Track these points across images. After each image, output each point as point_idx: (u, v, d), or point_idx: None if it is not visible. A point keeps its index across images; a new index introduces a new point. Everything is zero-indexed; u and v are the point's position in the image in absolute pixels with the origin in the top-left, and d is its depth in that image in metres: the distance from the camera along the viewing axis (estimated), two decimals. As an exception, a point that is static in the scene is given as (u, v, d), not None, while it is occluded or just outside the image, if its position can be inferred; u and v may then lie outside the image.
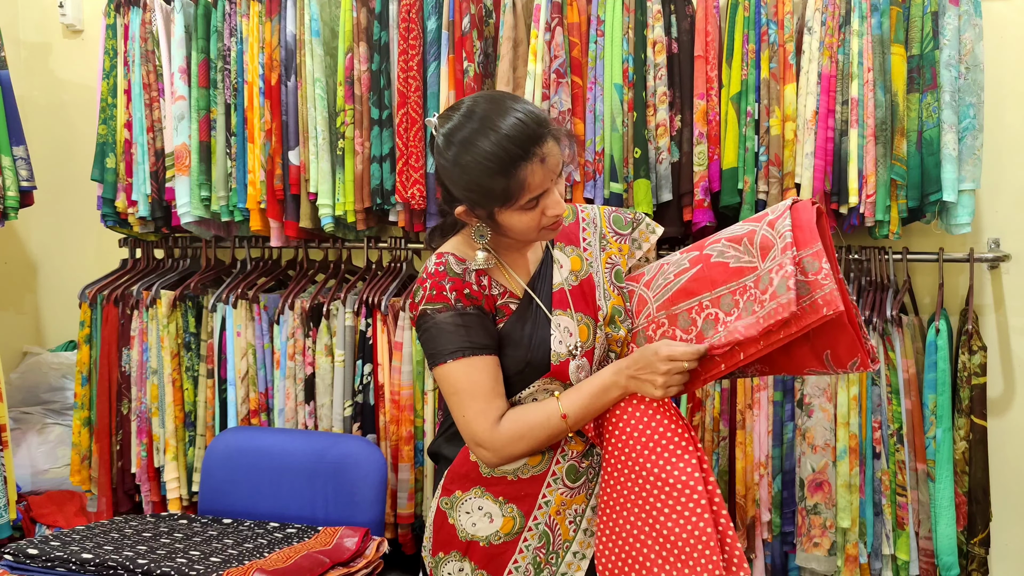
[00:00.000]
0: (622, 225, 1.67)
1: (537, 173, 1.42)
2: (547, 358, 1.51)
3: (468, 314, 1.49)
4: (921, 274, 2.44)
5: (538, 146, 1.42)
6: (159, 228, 2.79)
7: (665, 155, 2.29)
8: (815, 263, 1.34)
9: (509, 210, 1.45)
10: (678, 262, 1.52)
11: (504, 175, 1.41)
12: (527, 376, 1.52)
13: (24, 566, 1.93)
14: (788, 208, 1.42)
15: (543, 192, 1.45)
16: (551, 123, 1.48)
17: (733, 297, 1.41)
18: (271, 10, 2.51)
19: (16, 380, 3.03)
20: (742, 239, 1.44)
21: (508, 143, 1.40)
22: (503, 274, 1.56)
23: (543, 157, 1.42)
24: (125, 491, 2.74)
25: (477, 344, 1.48)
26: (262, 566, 1.85)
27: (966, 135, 2.16)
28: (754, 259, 1.41)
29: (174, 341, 2.65)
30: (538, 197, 1.45)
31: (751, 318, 1.37)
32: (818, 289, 1.33)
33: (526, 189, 1.42)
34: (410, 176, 2.40)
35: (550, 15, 2.30)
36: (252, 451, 2.39)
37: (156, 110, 2.68)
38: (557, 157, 1.45)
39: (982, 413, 2.21)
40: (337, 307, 2.53)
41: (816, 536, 2.21)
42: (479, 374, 1.48)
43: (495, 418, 1.48)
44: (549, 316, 1.54)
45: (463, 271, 1.51)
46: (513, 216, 1.46)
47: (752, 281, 1.40)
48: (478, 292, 1.51)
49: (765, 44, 2.23)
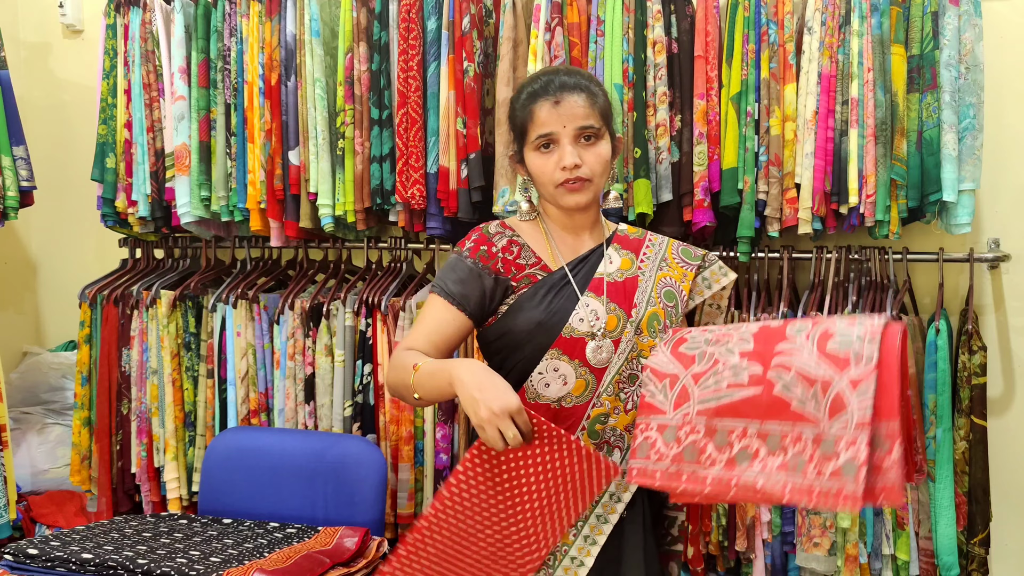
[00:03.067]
0: (691, 257, 1.72)
1: (546, 109, 1.54)
2: (560, 326, 1.54)
3: (465, 264, 1.60)
4: (921, 274, 2.44)
5: (558, 90, 1.55)
6: (159, 228, 2.79)
7: (665, 155, 2.29)
8: (887, 444, 1.20)
9: (528, 149, 1.58)
10: (736, 366, 1.37)
11: (523, 108, 1.57)
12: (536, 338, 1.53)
13: (24, 566, 1.93)
14: (878, 334, 1.25)
15: (554, 139, 1.54)
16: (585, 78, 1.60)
17: (783, 441, 1.28)
18: (271, 10, 2.51)
19: (16, 380, 3.03)
20: (815, 383, 1.27)
21: (534, 82, 1.59)
22: (546, 247, 1.63)
23: (558, 100, 1.54)
24: (125, 491, 2.74)
25: (449, 291, 1.59)
26: (262, 566, 1.85)
27: (966, 135, 2.16)
28: (819, 413, 1.26)
29: (174, 341, 2.65)
30: (550, 142, 1.54)
31: (799, 478, 1.24)
32: (880, 475, 1.20)
33: (535, 122, 1.55)
34: (410, 176, 2.40)
35: (550, 15, 2.30)
36: (252, 451, 2.39)
37: (156, 110, 2.68)
38: (577, 110, 1.54)
39: (982, 413, 2.21)
40: (337, 307, 2.53)
41: (816, 536, 2.21)
42: (431, 311, 1.59)
43: (407, 345, 1.57)
44: (579, 295, 1.58)
45: (495, 234, 1.63)
46: (532, 158, 1.58)
47: (811, 436, 1.26)
48: (494, 254, 1.60)
49: (765, 44, 2.23)
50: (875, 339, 1.25)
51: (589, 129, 1.55)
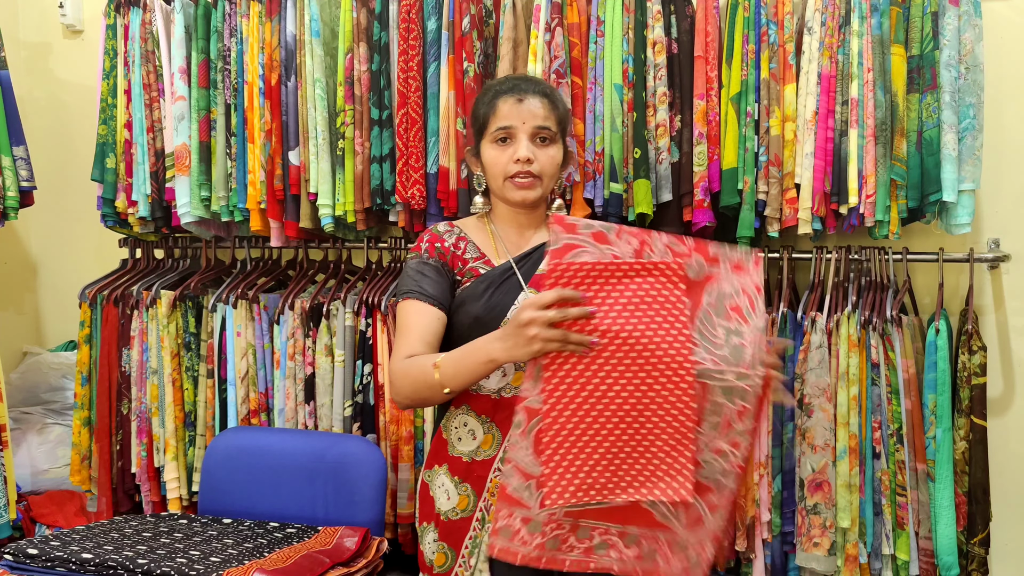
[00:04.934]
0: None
1: (509, 104, 1.64)
2: (498, 321, 1.59)
3: (428, 264, 1.68)
4: (921, 274, 2.44)
5: (521, 91, 1.66)
6: (159, 228, 2.79)
7: (665, 155, 2.29)
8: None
9: (485, 142, 1.67)
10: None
11: (488, 103, 1.67)
12: (474, 335, 1.56)
13: (24, 566, 1.93)
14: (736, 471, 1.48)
15: (512, 133, 1.64)
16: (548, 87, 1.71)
17: (640, 539, 1.47)
18: (271, 10, 2.51)
19: (16, 380, 3.03)
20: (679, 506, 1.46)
21: (499, 83, 1.71)
22: (491, 243, 1.71)
23: (521, 98, 1.65)
24: (125, 491, 2.74)
25: (425, 292, 1.64)
26: (262, 566, 1.86)
27: (966, 135, 2.16)
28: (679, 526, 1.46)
29: (174, 341, 2.65)
30: (507, 136, 1.64)
31: (650, 564, 1.46)
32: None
33: (496, 115, 1.65)
34: (410, 176, 2.40)
35: (550, 15, 2.30)
36: (252, 451, 2.39)
37: (156, 110, 2.68)
38: (538, 111, 1.65)
39: (982, 413, 2.21)
40: (337, 307, 2.53)
41: (816, 536, 2.21)
42: (415, 316, 1.63)
43: (405, 355, 1.60)
44: (523, 287, 1.64)
45: (445, 232, 1.72)
46: (488, 150, 1.67)
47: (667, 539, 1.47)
48: (447, 249, 1.69)
49: (765, 44, 2.23)
50: (735, 478, 1.45)
51: (546, 131, 1.65)
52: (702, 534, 1.45)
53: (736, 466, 1.44)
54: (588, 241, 1.41)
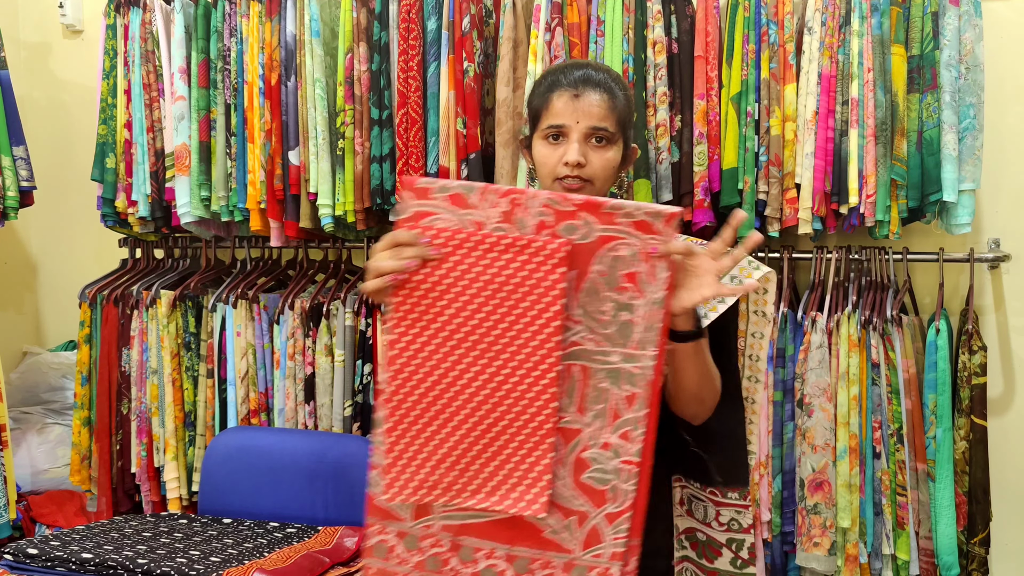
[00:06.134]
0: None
1: (564, 100, 1.48)
2: None
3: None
4: (921, 274, 2.44)
5: (580, 85, 1.49)
6: (159, 228, 2.79)
7: (665, 155, 2.29)
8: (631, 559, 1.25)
9: (537, 137, 1.52)
10: None
11: (542, 94, 1.51)
12: None
13: (24, 566, 1.93)
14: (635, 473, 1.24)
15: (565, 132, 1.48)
16: (612, 79, 1.52)
17: (531, 565, 1.28)
18: (271, 10, 2.51)
19: (16, 380, 3.03)
20: (572, 515, 1.25)
21: (560, 70, 1.52)
22: None
23: (578, 94, 1.48)
24: (125, 491, 2.74)
25: None
26: (262, 566, 1.86)
27: (966, 135, 2.16)
28: (574, 544, 1.26)
29: (174, 341, 2.65)
30: (559, 134, 1.48)
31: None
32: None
33: (549, 111, 1.49)
34: (410, 176, 2.41)
35: (550, 15, 2.30)
36: (252, 451, 2.39)
37: (156, 110, 2.68)
38: (594, 109, 1.48)
39: (982, 413, 2.21)
40: (337, 307, 2.53)
41: (816, 536, 2.21)
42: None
43: None
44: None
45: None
46: (539, 147, 1.51)
47: (562, 563, 1.26)
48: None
49: (765, 44, 2.23)
50: (632, 477, 1.25)
51: (602, 131, 1.49)
52: (604, 553, 1.25)
53: (629, 464, 1.24)
54: (443, 207, 1.22)
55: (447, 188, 1.22)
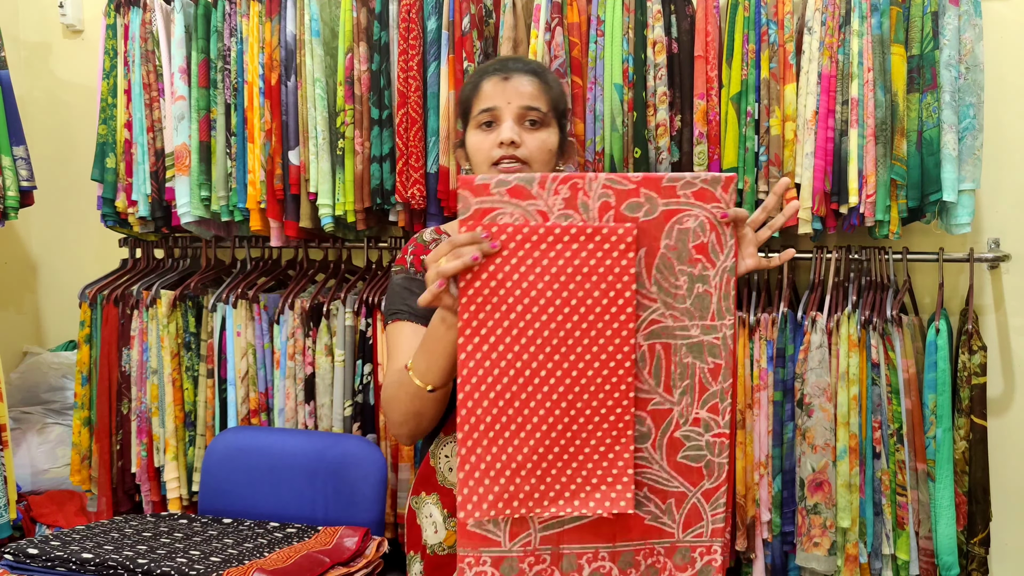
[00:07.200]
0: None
1: (493, 83, 1.49)
2: None
3: (415, 280, 1.52)
4: (921, 274, 2.44)
5: (509, 69, 1.50)
6: (159, 228, 2.79)
7: (665, 155, 2.29)
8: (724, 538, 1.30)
9: (470, 128, 1.51)
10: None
11: (472, 85, 1.53)
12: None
13: (24, 566, 1.93)
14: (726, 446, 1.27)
15: (497, 115, 1.48)
16: (539, 65, 1.54)
17: (636, 557, 1.27)
18: (271, 10, 2.51)
19: (16, 380, 3.03)
20: (669, 497, 1.27)
21: (486, 64, 1.56)
22: None
23: (507, 77, 1.49)
24: (125, 491, 2.74)
25: (415, 311, 1.48)
26: (262, 566, 1.86)
27: (966, 135, 2.16)
28: (674, 527, 1.28)
29: (174, 341, 2.65)
30: (492, 119, 1.48)
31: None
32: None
33: (480, 96, 1.50)
34: (410, 176, 2.40)
35: (550, 15, 2.30)
36: (252, 451, 2.39)
37: (156, 110, 2.68)
38: (524, 88, 1.48)
39: (982, 413, 2.21)
40: (337, 307, 2.53)
41: (816, 536, 2.21)
42: (406, 341, 1.48)
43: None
44: None
45: (431, 240, 1.56)
46: (472, 136, 1.51)
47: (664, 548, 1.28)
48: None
49: (765, 44, 2.23)
50: (724, 449, 1.27)
51: (535, 112, 1.47)
52: (704, 531, 1.27)
53: (720, 436, 1.25)
54: (505, 201, 1.19)
55: (505, 182, 1.19)
